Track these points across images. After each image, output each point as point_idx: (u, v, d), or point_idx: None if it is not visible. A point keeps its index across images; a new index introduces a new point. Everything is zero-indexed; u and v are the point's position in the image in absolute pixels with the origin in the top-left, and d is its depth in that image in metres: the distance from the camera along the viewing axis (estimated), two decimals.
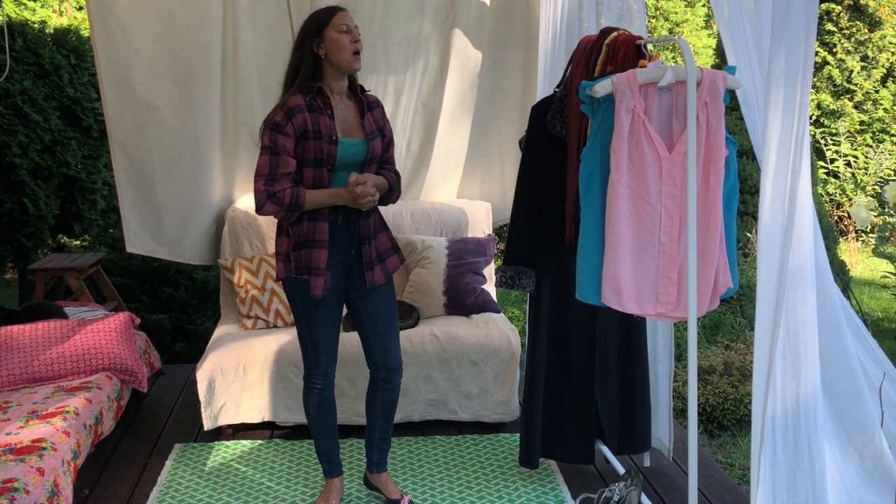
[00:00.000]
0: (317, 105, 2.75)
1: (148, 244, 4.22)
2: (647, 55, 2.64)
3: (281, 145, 2.70)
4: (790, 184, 2.03)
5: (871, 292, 7.00)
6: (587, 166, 2.51)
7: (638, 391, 3.22)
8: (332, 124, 2.75)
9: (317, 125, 2.72)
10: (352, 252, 2.89)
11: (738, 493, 3.21)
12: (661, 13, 9.05)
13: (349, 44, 2.73)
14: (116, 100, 4.01)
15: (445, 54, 4.34)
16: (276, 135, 2.71)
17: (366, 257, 2.88)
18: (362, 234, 2.87)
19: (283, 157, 2.71)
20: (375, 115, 2.90)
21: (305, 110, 2.72)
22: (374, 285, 2.90)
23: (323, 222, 2.79)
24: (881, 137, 9.07)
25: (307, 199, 2.73)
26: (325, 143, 2.73)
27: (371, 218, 2.90)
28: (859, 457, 2.42)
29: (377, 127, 2.88)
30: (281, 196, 2.70)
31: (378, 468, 3.14)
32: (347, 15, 2.78)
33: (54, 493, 2.64)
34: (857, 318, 2.61)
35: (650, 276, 2.47)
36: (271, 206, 2.72)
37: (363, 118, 2.84)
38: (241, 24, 4.11)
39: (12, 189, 5.43)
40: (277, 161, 2.71)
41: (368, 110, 2.87)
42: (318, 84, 2.76)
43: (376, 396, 3.05)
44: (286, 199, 2.70)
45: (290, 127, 2.70)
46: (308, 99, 2.75)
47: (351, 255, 2.89)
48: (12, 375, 3.37)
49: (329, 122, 2.74)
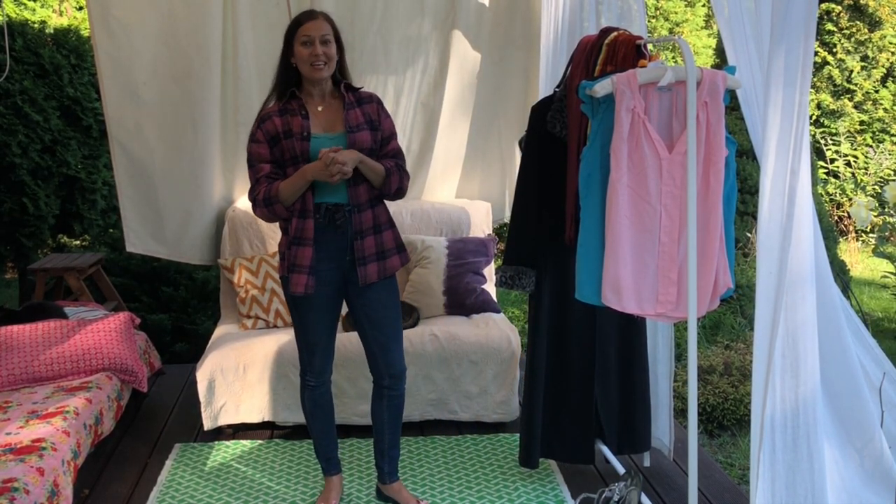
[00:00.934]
0: (290, 108, 2.84)
1: (148, 243, 4.22)
2: (647, 55, 2.64)
3: (255, 154, 2.85)
4: (789, 183, 2.03)
5: (871, 292, 7.00)
6: (587, 166, 2.51)
7: (638, 391, 3.22)
8: (304, 122, 2.81)
9: (288, 126, 2.81)
10: (347, 258, 2.87)
11: (738, 493, 3.21)
12: (661, 13, 9.05)
13: (307, 56, 2.77)
14: (117, 99, 4.01)
15: (445, 54, 4.34)
16: (251, 145, 2.86)
17: (357, 253, 2.85)
18: (353, 230, 2.85)
19: (258, 166, 2.85)
20: (366, 109, 2.89)
21: (276, 115, 2.84)
22: (366, 282, 2.86)
23: (310, 220, 2.81)
24: (881, 137, 9.07)
25: (281, 187, 2.78)
26: (296, 140, 2.79)
27: (364, 214, 2.85)
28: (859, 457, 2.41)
29: (366, 120, 2.86)
30: (258, 196, 2.82)
31: (390, 478, 3.13)
32: (314, 24, 2.77)
33: (54, 493, 2.64)
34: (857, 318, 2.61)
35: (650, 275, 2.47)
36: (256, 209, 2.86)
37: (346, 113, 2.85)
38: (241, 24, 4.11)
39: (12, 189, 5.43)
40: (254, 171, 2.86)
41: (358, 105, 2.88)
42: (292, 89, 2.86)
43: (382, 404, 3.04)
44: (261, 196, 2.81)
45: (260, 133, 2.84)
46: (282, 104, 2.86)
47: (347, 262, 2.87)
48: (12, 375, 3.37)
49: (302, 121, 2.81)
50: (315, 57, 2.76)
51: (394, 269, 2.94)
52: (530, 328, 3.14)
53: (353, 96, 2.90)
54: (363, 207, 2.85)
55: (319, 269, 2.83)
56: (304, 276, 2.80)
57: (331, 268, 2.86)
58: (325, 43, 2.77)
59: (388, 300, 2.94)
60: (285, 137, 2.80)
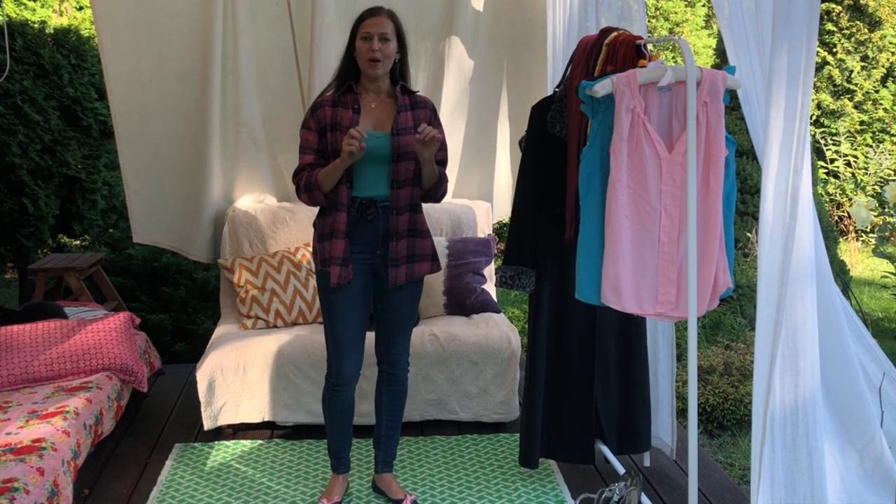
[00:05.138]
0: (344, 101, 2.87)
1: (154, 234, 4.30)
2: (647, 55, 2.64)
3: (305, 140, 2.89)
4: (792, 183, 2.03)
5: (871, 292, 7.00)
6: (587, 166, 2.51)
7: (638, 391, 3.22)
8: (354, 118, 2.84)
9: (338, 119, 2.84)
10: (378, 252, 2.91)
11: (738, 493, 3.21)
12: (661, 13, 9.05)
13: (365, 51, 2.80)
14: (122, 94, 4.07)
15: (445, 54, 4.34)
16: (303, 131, 2.91)
17: (391, 254, 2.89)
18: (389, 231, 2.88)
19: (305, 154, 2.89)
20: (418, 114, 2.91)
21: (329, 105, 2.87)
22: (396, 283, 2.91)
23: (342, 213, 2.84)
24: (881, 137, 9.07)
25: (320, 175, 2.82)
26: (344, 134, 2.79)
27: (402, 217, 2.89)
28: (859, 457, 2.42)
29: (415, 125, 2.87)
30: (300, 182, 2.86)
31: (382, 468, 3.15)
32: (375, 21, 2.81)
33: (54, 493, 2.64)
34: (857, 318, 2.61)
35: (650, 275, 2.47)
36: (299, 194, 2.89)
37: (397, 115, 2.86)
38: (241, 24, 4.12)
39: (12, 189, 5.43)
40: (301, 158, 2.90)
41: (410, 109, 2.90)
42: (350, 82, 2.89)
43: (381, 388, 3.11)
44: (303, 182, 2.85)
45: (313, 121, 2.88)
46: (337, 95, 2.89)
47: (377, 256, 2.91)
48: (12, 375, 3.37)
49: (353, 115, 2.84)
50: (372, 52, 2.78)
51: (421, 273, 2.97)
52: (530, 328, 3.14)
53: (407, 98, 2.92)
54: (402, 210, 2.89)
55: (353, 260, 2.88)
56: (337, 268, 2.83)
57: (363, 259, 2.90)
58: (384, 40, 2.80)
59: (408, 302, 3.00)
60: (332, 130, 2.83)
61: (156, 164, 4.19)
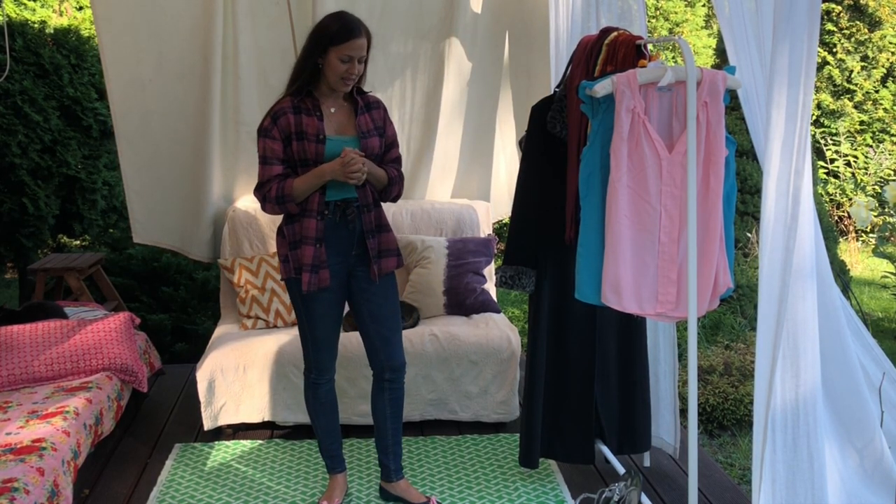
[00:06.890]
0: (305, 107, 2.83)
1: (154, 234, 4.30)
2: (647, 55, 2.64)
3: (270, 150, 2.82)
4: (793, 183, 2.03)
5: (871, 292, 7.00)
6: (587, 166, 2.51)
7: (638, 391, 3.22)
8: (319, 124, 2.81)
9: (301, 126, 2.80)
10: (353, 253, 2.92)
11: (738, 493, 3.21)
12: (661, 13, 9.04)
13: (342, 72, 2.76)
14: (122, 97, 4.08)
15: (445, 53, 4.34)
16: (265, 140, 2.83)
17: (371, 251, 2.91)
18: (364, 230, 2.90)
19: (271, 165, 2.83)
20: (374, 115, 2.93)
21: (290, 112, 2.82)
22: (382, 273, 2.93)
23: (311, 219, 2.82)
24: (881, 137, 9.07)
25: (295, 185, 2.79)
26: (311, 142, 2.79)
27: (371, 213, 2.92)
28: (859, 457, 2.42)
29: (374, 126, 2.90)
30: (269, 193, 2.81)
31: (396, 475, 3.14)
32: (358, 44, 2.73)
33: (54, 493, 2.64)
34: (857, 318, 2.61)
35: (650, 275, 2.47)
36: (266, 205, 2.85)
37: (357, 118, 2.88)
38: (241, 24, 4.12)
39: (12, 189, 5.43)
40: (266, 168, 2.84)
41: (366, 111, 2.91)
42: (309, 87, 2.84)
43: (384, 398, 3.06)
44: (273, 193, 2.81)
45: (276, 130, 2.82)
46: (296, 101, 2.84)
47: (353, 256, 2.92)
48: (12, 375, 3.37)
49: (317, 122, 2.81)
50: (350, 75, 2.77)
51: (388, 269, 2.99)
52: (530, 328, 3.14)
53: (362, 101, 2.93)
54: (371, 207, 2.92)
55: (329, 262, 2.87)
56: (308, 274, 2.82)
57: (338, 261, 2.90)
58: (362, 62, 2.80)
59: (389, 295, 3.00)
60: (298, 139, 2.80)
61: (156, 164, 4.20)
